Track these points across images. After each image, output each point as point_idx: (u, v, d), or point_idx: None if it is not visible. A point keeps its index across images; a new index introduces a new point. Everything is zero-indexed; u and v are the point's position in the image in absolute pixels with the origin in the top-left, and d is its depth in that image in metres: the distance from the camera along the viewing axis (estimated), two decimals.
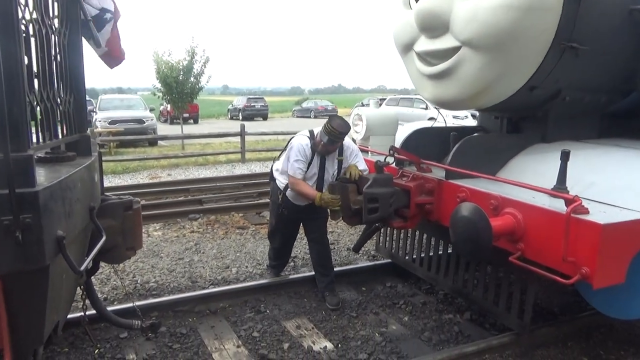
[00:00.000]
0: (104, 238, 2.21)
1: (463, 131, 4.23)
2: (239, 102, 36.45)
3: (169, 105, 20.94)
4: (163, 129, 22.14)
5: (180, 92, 15.74)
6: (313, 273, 4.48)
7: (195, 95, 16.42)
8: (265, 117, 34.85)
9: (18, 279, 1.65)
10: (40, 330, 1.80)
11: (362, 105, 26.76)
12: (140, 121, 17.21)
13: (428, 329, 3.81)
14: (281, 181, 4.22)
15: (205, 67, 15.74)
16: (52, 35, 2.09)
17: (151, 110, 19.29)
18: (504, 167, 3.75)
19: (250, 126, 14.57)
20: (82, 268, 1.87)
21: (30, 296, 1.70)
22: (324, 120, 4.06)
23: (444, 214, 3.51)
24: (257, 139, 17.28)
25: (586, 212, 2.65)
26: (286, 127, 20.70)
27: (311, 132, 4.15)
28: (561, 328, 3.71)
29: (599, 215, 2.66)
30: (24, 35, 1.78)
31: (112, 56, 2.92)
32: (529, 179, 3.28)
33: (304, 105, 42.88)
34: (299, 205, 4.20)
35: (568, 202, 2.66)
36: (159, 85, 15.83)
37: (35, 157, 1.74)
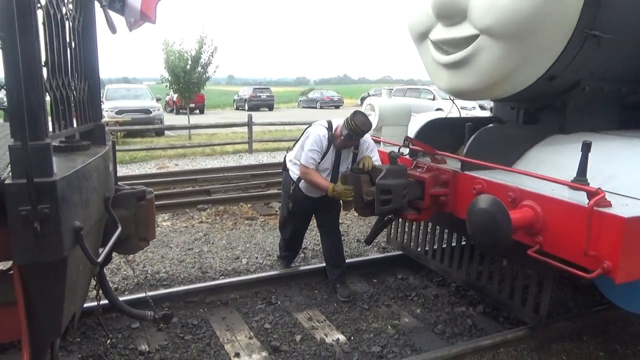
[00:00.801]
0: (119, 229, 2.17)
1: (477, 122, 4.16)
2: (245, 92, 36.32)
3: (175, 95, 20.90)
4: (169, 119, 22.11)
5: (187, 81, 15.68)
6: (324, 264, 4.45)
7: (202, 85, 16.37)
8: (271, 108, 34.74)
9: (36, 271, 1.62)
10: (58, 322, 1.77)
11: (369, 95, 26.60)
12: (147, 111, 17.18)
13: (441, 322, 3.78)
14: (294, 172, 4.17)
15: (212, 57, 15.66)
16: (67, 21, 2.04)
17: (158, 100, 19.25)
18: (520, 159, 3.68)
19: (256, 116, 14.49)
20: (100, 259, 1.84)
21: (48, 288, 1.67)
22: (330, 111, 4.04)
23: (460, 205, 3.46)
24: (264, 129, 17.23)
25: (608, 205, 2.59)
26: (292, 117, 20.65)
27: (329, 122, 4.09)
28: (577, 322, 3.67)
29: (621, 208, 2.60)
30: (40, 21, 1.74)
31: (146, 16, 2.91)
32: (547, 170, 3.22)
33: (310, 95, 42.71)
34: (311, 197, 4.15)
35: (590, 194, 2.60)
36: (166, 75, 15.78)
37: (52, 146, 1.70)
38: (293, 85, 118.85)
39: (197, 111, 28.73)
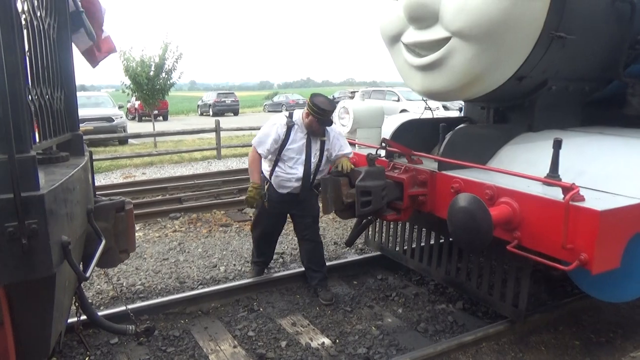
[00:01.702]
0: (103, 242, 2.11)
1: (450, 122, 4.25)
2: (209, 97, 35.86)
3: (137, 102, 20.41)
4: (132, 126, 21.55)
5: (151, 88, 15.34)
6: (303, 269, 4.43)
7: (166, 92, 16.05)
8: (236, 113, 34.42)
9: (23, 289, 1.54)
10: (46, 342, 1.69)
11: (334, 98, 26.71)
12: (109, 119, 16.70)
13: (423, 320, 3.83)
14: (266, 168, 4.15)
15: (177, 63, 15.40)
16: (42, 28, 1.97)
17: (120, 107, 18.75)
18: (493, 157, 3.79)
19: (222, 122, 14.30)
20: (89, 274, 1.77)
21: (37, 307, 1.60)
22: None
23: (439, 205, 3.52)
24: (231, 134, 17.06)
25: (582, 199, 2.70)
26: (259, 121, 20.46)
27: (290, 113, 4.18)
28: (552, 313, 3.79)
29: (594, 202, 2.71)
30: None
31: (96, 53, 2.77)
32: (520, 167, 3.33)
33: (275, 99, 42.59)
34: (283, 195, 4.10)
35: (565, 190, 2.70)
36: (127, 82, 15.39)
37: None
38: (257, 90, 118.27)
39: (161, 118, 28.16)
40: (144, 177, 10.27)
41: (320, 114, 3.83)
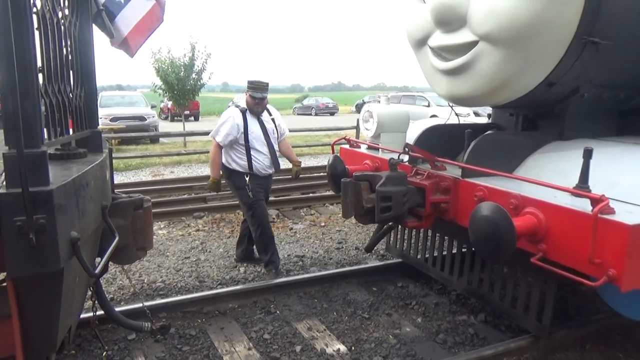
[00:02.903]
0: (117, 239, 2.12)
1: (477, 128, 4.14)
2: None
3: (169, 103, 20.83)
4: (164, 126, 22.03)
5: (181, 89, 15.63)
6: (323, 272, 4.45)
7: (197, 92, 16.31)
8: None
9: (31, 283, 1.56)
10: (53, 336, 1.71)
11: (364, 102, 26.60)
12: (141, 118, 17.10)
13: (442, 331, 3.73)
14: (242, 164, 4.57)
15: (206, 63, 15.62)
16: (63, 26, 2.00)
17: (152, 107, 19.17)
18: (521, 165, 3.66)
19: None
20: (98, 271, 1.78)
21: (44, 301, 1.61)
22: (325, 118, 4.26)
23: (461, 213, 3.42)
24: None
25: (612, 212, 2.56)
26: (288, 124, 20.58)
27: (237, 105, 4.70)
28: (579, 330, 3.63)
29: (625, 215, 2.57)
30: (35, 26, 1.69)
31: (130, 44, 2.79)
32: (548, 177, 3.19)
33: (305, 102, 42.72)
34: (264, 179, 4.67)
35: (594, 201, 2.57)
36: (159, 83, 15.72)
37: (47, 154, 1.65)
38: (287, 92, 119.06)
39: (192, 118, 28.65)
40: (172, 176, 10.44)
41: (252, 86, 4.54)
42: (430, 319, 3.93)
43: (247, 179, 4.59)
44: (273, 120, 4.78)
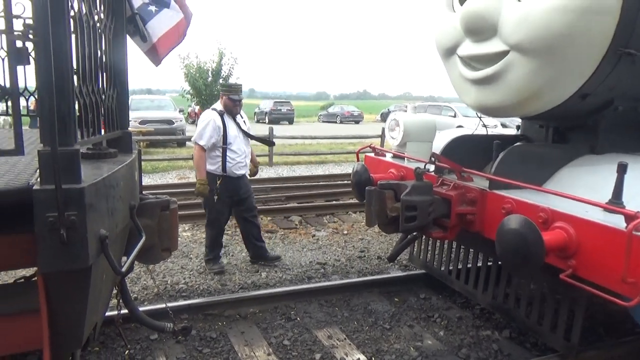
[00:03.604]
0: (143, 238, 2.15)
1: (505, 140, 4.07)
2: (266, 105, 36.63)
3: (197, 107, 21.16)
4: (191, 130, 22.36)
5: (208, 94, 15.88)
6: (345, 281, 4.41)
7: None
8: (291, 121, 34.92)
9: (60, 279, 1.59)
10: (79, 332, 1.74)
11: (389, 111, 26.50)
12: (169, 122, 17.41)
13: (465, 346, 3.65)
14: (214, 166, 4.72)
15: (233, 68, 15.85)
16: (98, 29, 2.05)
17: (180, 111, 19.50)
18: (550, 179, 3.57)
19: (277, 130, 14.55)
20: (124, 269, 1.81)
21: (72, 297, 1.64)
22: (349, 126, 4.24)
23: (487, 225, 3.36)
24: (284, 142, 17.29)
25: None
26: (313, 131, 20.68)
27: (214, 108, 4.80)
28: (609, 352, 3.50)
29: None
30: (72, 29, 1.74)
31: (158, 52, 2.86)
32: (579, 191, 3.10)
33: (330, 110, 42.85)
34: (237, 179, 4.81)
35: (629, 218, 2.48)
36: (187, 88, 16.01)
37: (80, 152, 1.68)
38: (313, 100, 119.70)
39: None
40: None
41: (229, 89, 4.78)
42: (453, 332, 3.86)
43: (218, 182, 4.73)
44: (244, 122, 5.02)
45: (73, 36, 1.80)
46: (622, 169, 2.67)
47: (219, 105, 4.87)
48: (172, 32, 2.84)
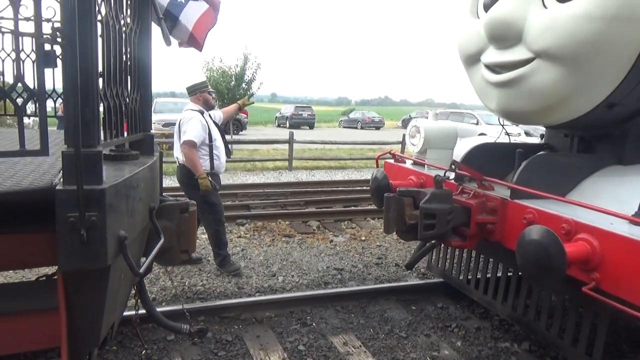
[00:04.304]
0: (162, 240, 2.17)
1: (528, 148, 4.00)
2: (287, 110, 36.82)
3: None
4: None
5: (231, 98, 16.03)
6: (362, 287, 4.38)
7: None
8: (312, 126, 35.02)
9: (79, 278, 1.62)
10: (97, 331, 1.76)
11: (410, 118, 26.36)
12: None
13: (483, 357, 3.59)
14: (204, 165, 4.72)
15: (256, 73, 16.00)
16: (124, 32, 2.08)
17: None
18: (574, 189, 3.49)
19: (297, 134, 14.62)
20: (142, 270, 1.83)
21: (90, 296, 1.66)
22: (370, 132, 4.21)
23: (508, 235, 3.30)
24: (304, 147, 17.35)
25: None
26: (333, 136, 20.70)
27: (192, 109, 4.83)
28: None
29: None
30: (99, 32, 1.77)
31: (198, 39, 2.95)
32: (605, 203, 3.02)
33: (351, 115, 42.84)
34: (219, 175, 4.95)
35: None
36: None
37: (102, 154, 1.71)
38: (334, 105, 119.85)
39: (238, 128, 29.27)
40: None
41: (203, 86, 4.95)
42: (471, 343, 3.79)
43: (209, 179, 4.71)
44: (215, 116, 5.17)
45: (99, 39, 1.83)
46: None
47: (194, 105, 4.88)
48: (204, 18, 2.92)
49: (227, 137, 15.96)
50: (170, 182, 10.59)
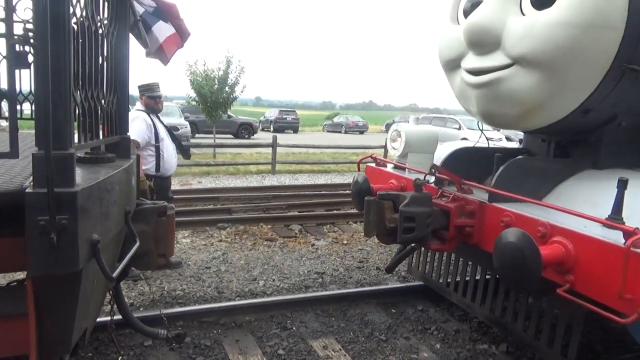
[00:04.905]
0: (137, 244, 2.14)
1: (506, 153, 4.06)
2: (271, 114, 36.75)
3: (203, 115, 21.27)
4: (196, 137, 22.46)
5: (214, 101, 15.93)
6: (342, 291, 4.37)
7: (229, 106, 16.59)
8: (296, 130, 35.00)
9: (49, 283, 1.58)
10: (68, 337, 1.73)
11: (394, 122, 26.54)
12: (174, 128, 17.45)
13: (461, 359, 3.61)
14: (147, 166, 4.65)
15: (240, 77, 15.92)
16: (100, 34, 2.06)
17: (186, 118, 19.60)
18: (551, 193, 3.55)
19: (281, 138, 14.59)
20: (115, 275, 1.80)
21: (61, 301, 1.63)
22: (354, 136, 4.16)
23: (486, 238, 3.33)
24: (288, 151, 17.33)
25: None
26: (317, 140, 20.71)
27: (137, 109, 4.81)
28: None
29: None
30: (73, 33, 1.75)
31: (166, 52, 2.94)
32: (579, 207, 3.08)
33: (335, 120, 42.96)
34: (167, 179, 4.92)
35: (627, 234, 2.46)
36: (193, 95, 16.07)
37: (75, 156, 1.68)
38: (318, 109, 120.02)
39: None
40: (199, 186, 10.59)
41: (147, 88, 4.77)
42: (450, 345, 3.82)
43: (150, 183, 4.60)
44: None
45: (75, 41, 1.81)
46: (622, 185, 2.65)
47: (139, 105, 4.86)
48: (172, 38, 2.91)
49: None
50: None
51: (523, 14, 3.24)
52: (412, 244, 3.98)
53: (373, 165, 4.76)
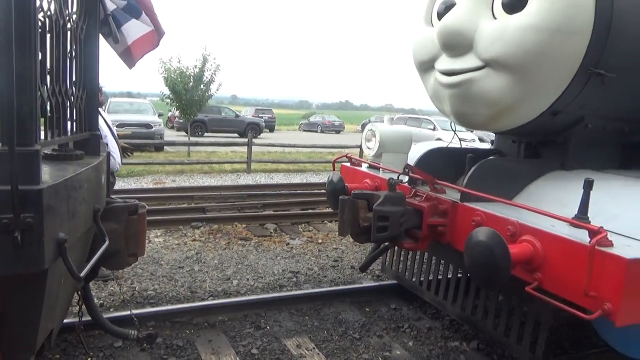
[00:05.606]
0: (106, 243, 2.10)
1: (478, 153, 4.13)
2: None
3: (177, 112, 20.98)
4: (170, 134, 22.14)
5: (189, 99, 15.73)
6: (316, 290, 4.37)
7: (204, 103, 16.41)
8: (272, 129, 34.86)
9: (13, 283, 1.54)
10: (33, 339, 1.68)
11: (370, 122, 26.73)
12: (147, 126, 17.19)
13: (433, 357, 3.66)
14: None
15: (215, 75, 15.76)
16: (69, 29, 2.01)
17: (159, 115, 19.28)
18: (521, 193, 3.63)
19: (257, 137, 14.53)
20: (83, 274, 1.76)
21: (25, 302, 1.59)
22: (330, 136, 4.13)
23: (458, 237, 3.39)
24: (264, 149, 17.25)
25: (610, 244, 2.52)
26: (293, 139, 20.68)
27: None
28: None
29: (623, 249, 2.53)
30: (39, 27, 1.70)
31: (133, 55, 2.85)
32: (548, 206, 3.16)
33: (311, 119, 42.98)
34: (115, 171, 4.57)
35: (592, 233, 2.53)
36: (167, 92, 15.84)
37: (42, 153, 1.64)
38: (295, 108, 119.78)
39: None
40: (173, 185, 10.44)
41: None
42: (422, 343, 3.87)
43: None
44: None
45: (42, 35, 1.76)
46: (588, 185, 2.73)
47: None
48: (145, 39, 2.84)
49: (184, 139, 15.62)
50: (125, 184, 10.29)
51: (495, 18, 3.31)
52: (386, 243, 4.01)
53: (348, 164, 4.78)
